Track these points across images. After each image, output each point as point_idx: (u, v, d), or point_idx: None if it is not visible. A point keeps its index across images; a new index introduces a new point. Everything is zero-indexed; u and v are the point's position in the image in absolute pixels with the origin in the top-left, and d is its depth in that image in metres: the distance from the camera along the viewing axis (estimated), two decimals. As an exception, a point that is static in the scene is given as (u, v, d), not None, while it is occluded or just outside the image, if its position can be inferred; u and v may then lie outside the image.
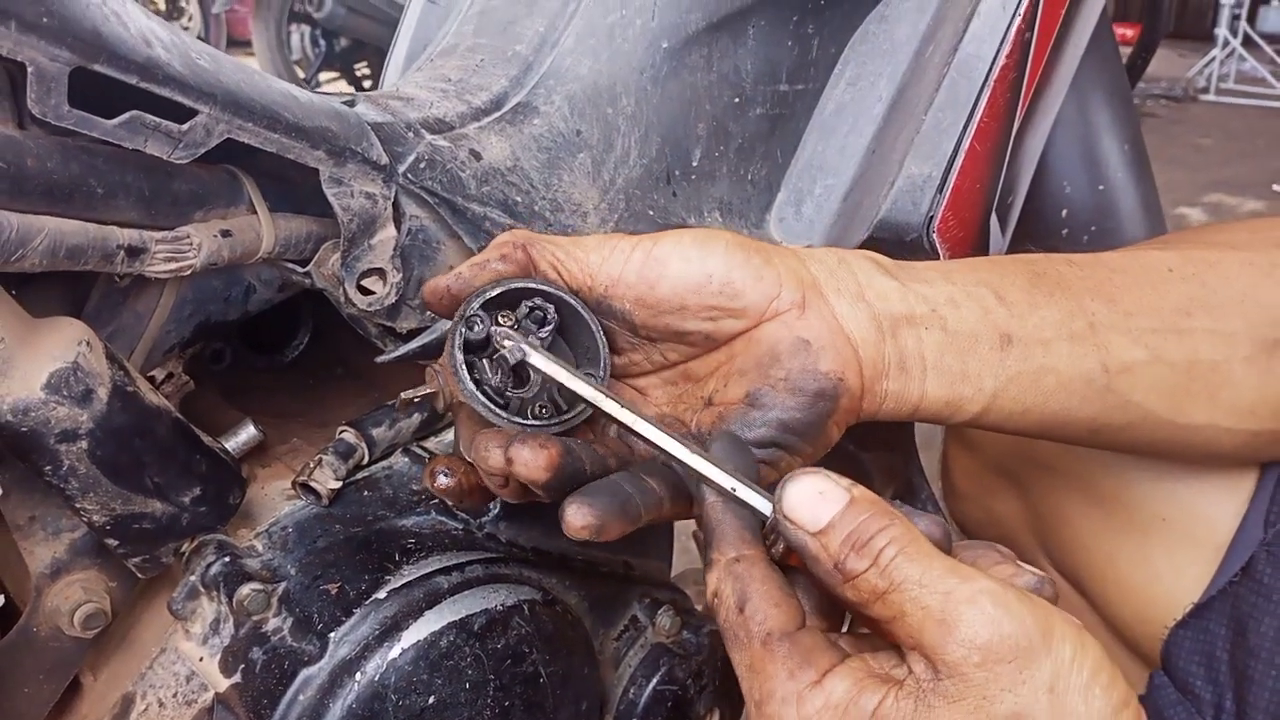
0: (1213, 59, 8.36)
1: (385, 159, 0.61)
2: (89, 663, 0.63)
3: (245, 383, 0.77)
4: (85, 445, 0.52)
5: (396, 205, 0.62)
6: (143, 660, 0.61)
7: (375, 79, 6.31)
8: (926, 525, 0.46)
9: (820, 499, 0.44)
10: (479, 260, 0.53)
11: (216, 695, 0.59)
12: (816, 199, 0.80)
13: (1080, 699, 0.41)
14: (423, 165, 0.63)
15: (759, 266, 0.53)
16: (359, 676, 0.57)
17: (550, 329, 0.53)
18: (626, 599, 0.73)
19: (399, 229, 0.62)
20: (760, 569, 0.45)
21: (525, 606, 0.63)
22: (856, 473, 0.75)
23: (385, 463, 0.68)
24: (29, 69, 0.45)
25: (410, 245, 0.63)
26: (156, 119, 0.51)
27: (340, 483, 0.64)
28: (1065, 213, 1.04)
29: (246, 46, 6.57)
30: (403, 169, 0.62)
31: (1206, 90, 8.30)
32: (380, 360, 0.64)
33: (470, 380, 0.51)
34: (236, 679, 0.58)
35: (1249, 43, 8.52)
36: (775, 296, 0.53)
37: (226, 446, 0.62)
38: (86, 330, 0.52)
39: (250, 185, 0.59)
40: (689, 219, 0.76)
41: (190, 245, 0.55)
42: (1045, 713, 0.40)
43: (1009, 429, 0.57)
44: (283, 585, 0.60)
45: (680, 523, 0.87)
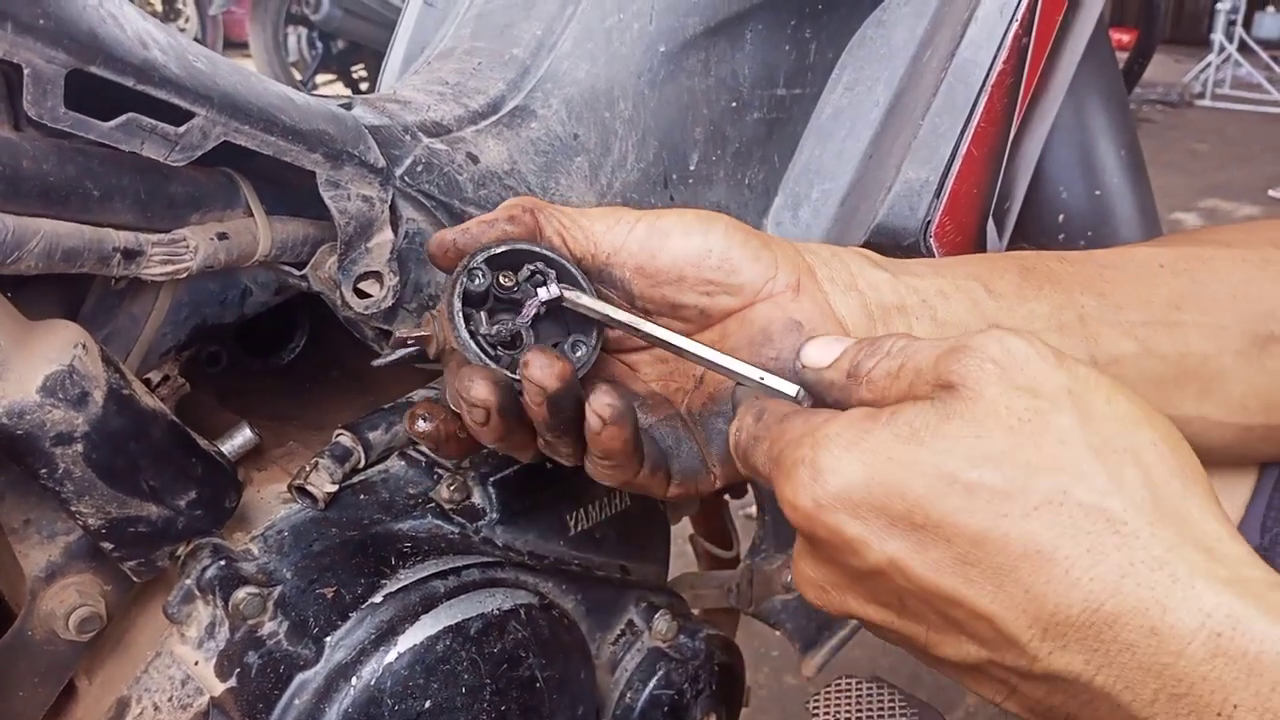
0: (1209, 64, 8.38)
1: (382, 162, 0.61)
2: (84, 666, 0.62)
3: (241, 385, 0.77)
4: (80, 448, 0.52)
5: (393, 208, 0.62)
6: (138, 664, 0.61)
7: (372, 81, 6.31)
8: None
9: (832, 343, 0.49)
10: (488, 218, 0.55)
11: (212, 699, 0.59)
12: (813, 203, 0.80)
13: (1102, 400, 0.41)
14: (420, 168, 0.63)
15: (757, 248, 0.55)
16: (355, 681, 0.57)
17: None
18: (623, 603, 0.73)
19: (396, 232, 0.62)
20: (776, 402, 0.49)
21: (522, 611, 0.63)
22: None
23: (382, 466, 0.68)
24: (25, 71, 0.45)
25: (407, 248, 0.63)
26: (153, 121, 0.51)
27: (336, 486, 0.64)
28: (1062, 217, 1.05)
29: (243, 48, 6.57)
30: (400, 172, 0.62)
31: (1202, 96, 8.32)
32: (377, 364, 0.64)
33: (465, 329, 0.53)
34: (232, 683, 0.58)
35: (1245, 48, 8.55)
36: (771, 278, 0.54)
37: (222, 450, 0.62)
38: (82, 333, 0.52)
39: (247, 188, 0.59)
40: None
41: (186, 248, 0.55)
42: (1067, 411, 0.40)
43: None
44: (278, 589, 0.60)
45: (676, 527, 0.88)
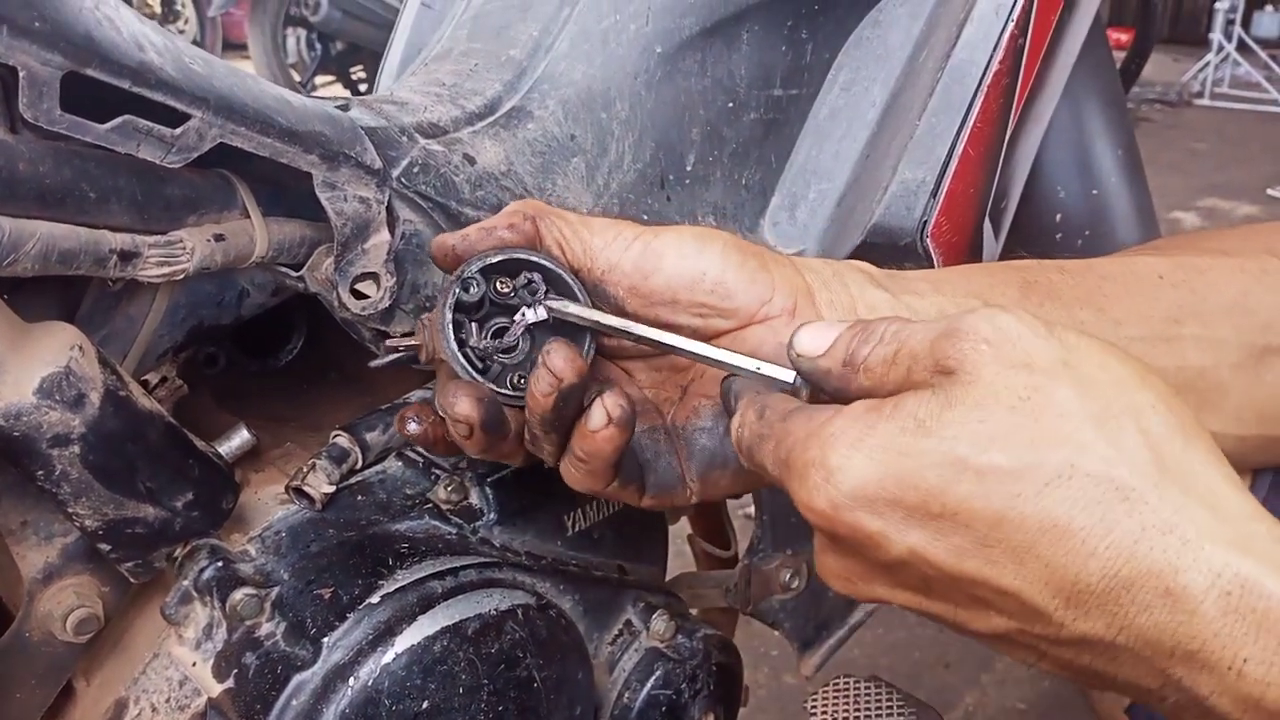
0: (1207, 64, 8.38)
1: (379, 163, 0.61)
2: (82, 668, 0.63)
3: (238, 387, 0.77)
4: (78, 450, 0.52)
5: (390, 209, 0.62)
6: (136, 665, 0.61)
7: (371, 82, 6.31)
8: None
9: (824, 329, 0.48)
10: (488, 225, 0.55)
11: (209, 700, 0.59)
12: (810, 203, 0.80)
13: (1096, 366, 0.41)
14: (416, 170, 0.63)
15: (754, 270, 0.54)
16: (352, 681, 0.57)
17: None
18: (621, 603, 0.73)
19: (393, 233, 0.62)
20: (777, 397, 0.49)
21: (519, 611, 0.63)
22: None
23: (379, 467, 0.68)
24: (21, 74, 0.45)
25: (404, 249, 0.63)
26: (149, 123, 0.51)
27: (334, 487, 0.64)
28: (1059, 217, 1.05)
29: (242, 50, 6.58)
30: (396, 173, 0.62)
31: (1201, 95, 8.32)
32: (374, 365, 0.64)
33: (454, 339, 0.53)
34: (229, 684, 0.58)
35: (1243, 48, 8.55)
36: (767, 301, 0.54)
37: (220, 451, 0.62)
38: (79, 335, 0.52)
39: (243, 189, 0.59)
40: (683, 223, 0.76)
41: (183, 250, 0.55)
42: (1064, 383, 0.40)
43: None
44: (276, 590, 0.60)
45: (674, 527, 0.88)
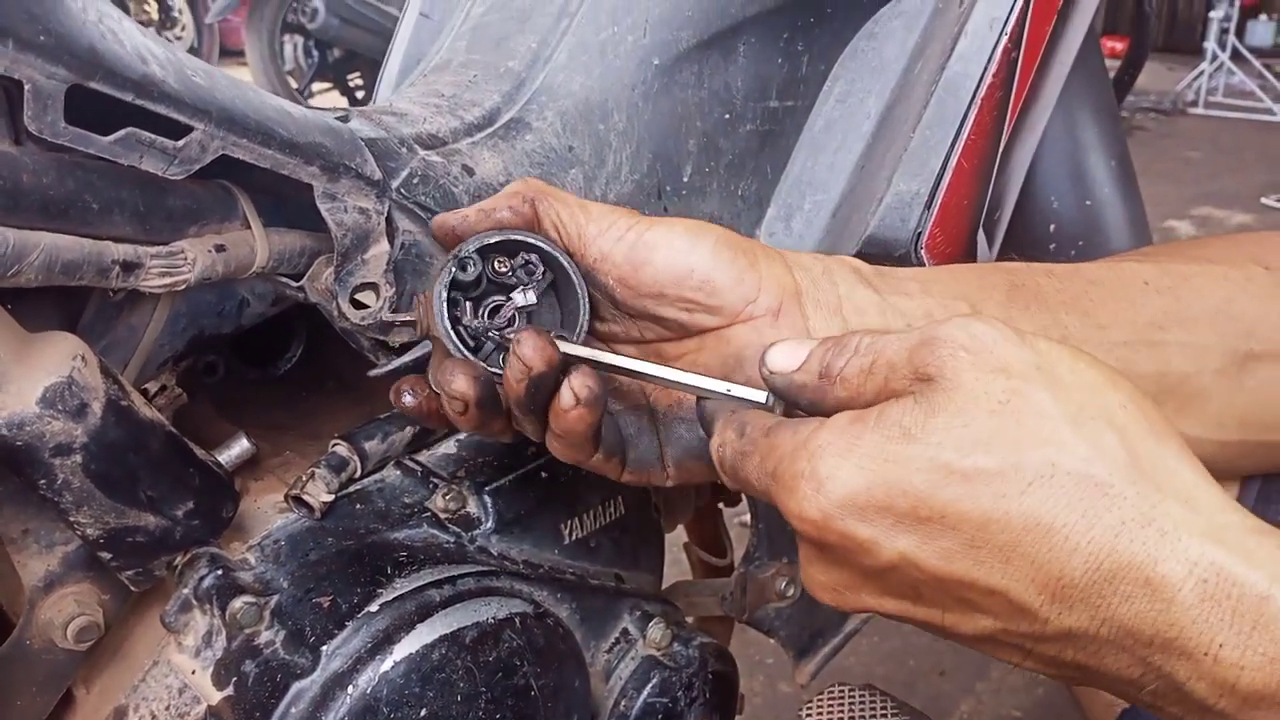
0: (1201, 73, 8.41)
1: (378, 174, 0.61)
2: (82, 675, 0.63)
3: (238, 395, 0.78)
4: (79, 459, 0.52)
5: (390, 220, 0.62)
6: (135, 673, 0.61)
7: (368, 89, 6.32)
8: None
9: (795, 346, 0.49)
10: (487, 206, 0.56)
11: (209, 708, 0.59)
12: (806, 214, 0.81)
13: (1068, 370, 0.43)
14: (416, 180, 0.64)
15: (743, 269, 0.55)
16: (351, 689, 0.58)
17: (541, 284, 0.56)
18: (617, 611, 0.73)
19: (392, 244, 0.62)
20: (754, 414, 0.49)
21: (517, 619, 0.63)
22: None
23: (377, 476, 0.68)
24: (26, 87, 0.46)
25: (403, 260, 0.63)
26: (152, 135, 0.51)
27: (333, 496, 0.64)
28: (1053, 227, 1.05)
29: (240, 56, 6.58)
30: (396, 184, 0.63)
31: (1195, 104, 8.35)
32: (373, 374, 0.65)
33: (448, 317, 0.54)
34: (229, 692, 0.58)
35: (1237, 57, 8.58)
36: (752, 300, 0.55)
37: (219, 460, 0.62)
38: (81, 345, 0.53)
39: (245, 200, 0.59)
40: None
41: (185, 260, 0.55)
42: (1039, 386, 0.42)
43: None
44: (275, 598, 0.60)
45: (670, 535, 0.88)
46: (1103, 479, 0.40)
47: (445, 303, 0.54)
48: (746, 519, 0.89)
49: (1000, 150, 0.78)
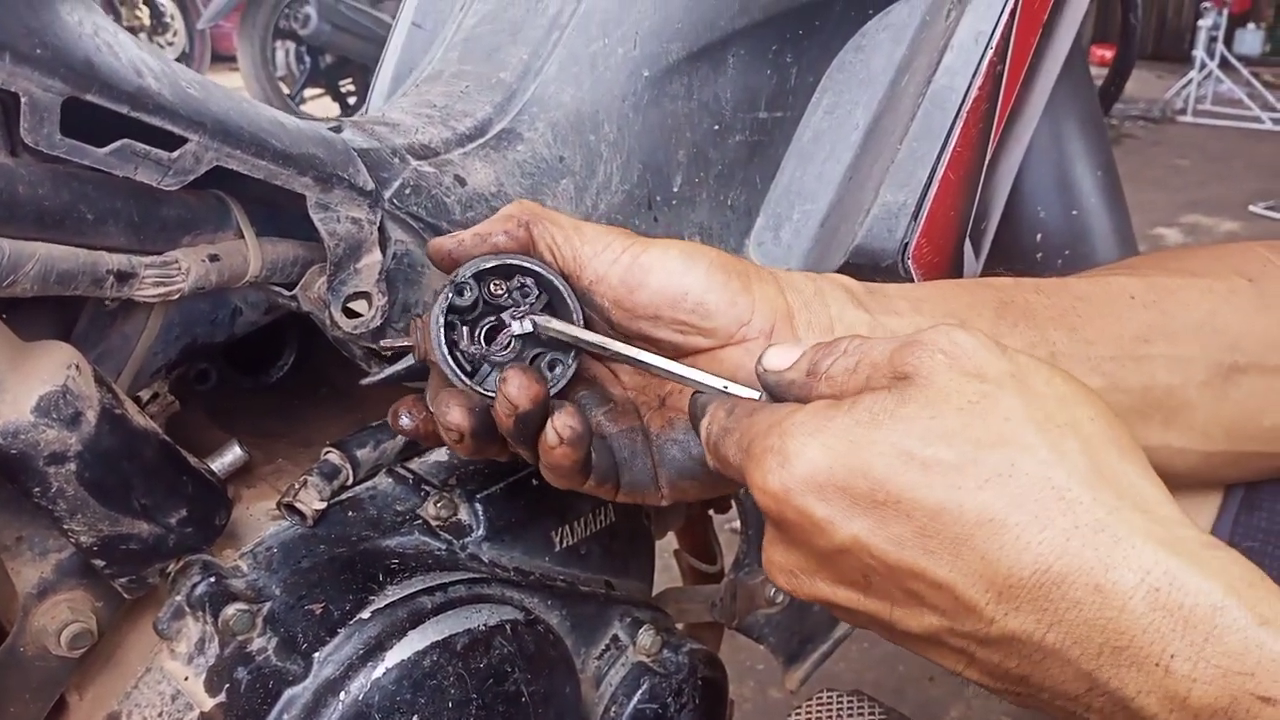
0: (1190, 81, 8.45)
1: (371, 184, 0.62)
2: (75, 682, 0.63)
3: (230, 403, 0.78)
4: (74, 467, 0.52)
5: (382, 230, 0.63)
6: (128, 679, 0.61)
7: (360, 95, 6.32)
8: None
9: (790, 348, 0.50)
10: (483, 230, 0.57)
11: (201, 714, 0.60)
12: (795, 224, 0.81)
13: (1042, 381, 0.44)
14: (408, 190, 0.64)
15: (736, 292, 0.56)
16: (343, 696, 0.58)
17: (537, 306, 0.57)
18: (608, 618, 0.74)
19: (384, 253, 0.63)
20: (745, 400, 0.51)
21: (507, 626, 0.63)
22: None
23: (370, 483, 0.69)
24: (23, 99, 0.46)
25: (395, 269, 0.64)
26: (147, 147, 0.52)
27: (325, 503, 0.65)
28: (1040, 237, 1.06)
29: (232, 62, 6.57)
30: (388, 194, 0.63)
31: (1184, 112, 8.39)
32: (365, 383, 0.65)
33: (445, 343, 0.55)
34: (221, 698, 0.59)
35: (1226, 65, 8.62)
36: (745, 323, 0.56)
37: (212, 467, 0.63)
38: (75, 354, 0.53)
39: (238, 210, 0.60)
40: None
41: (179, 270, 0.56)
42: (1011, 392, 0.43)
43: None
44: (267, 605, 0.61)
45: (660, 542, 0.89)
46: (1060, 483, 0.40)
47: (442, 328, 0.55)
48: (736, 525, 0.89)
49: (986, 162, 0.79)
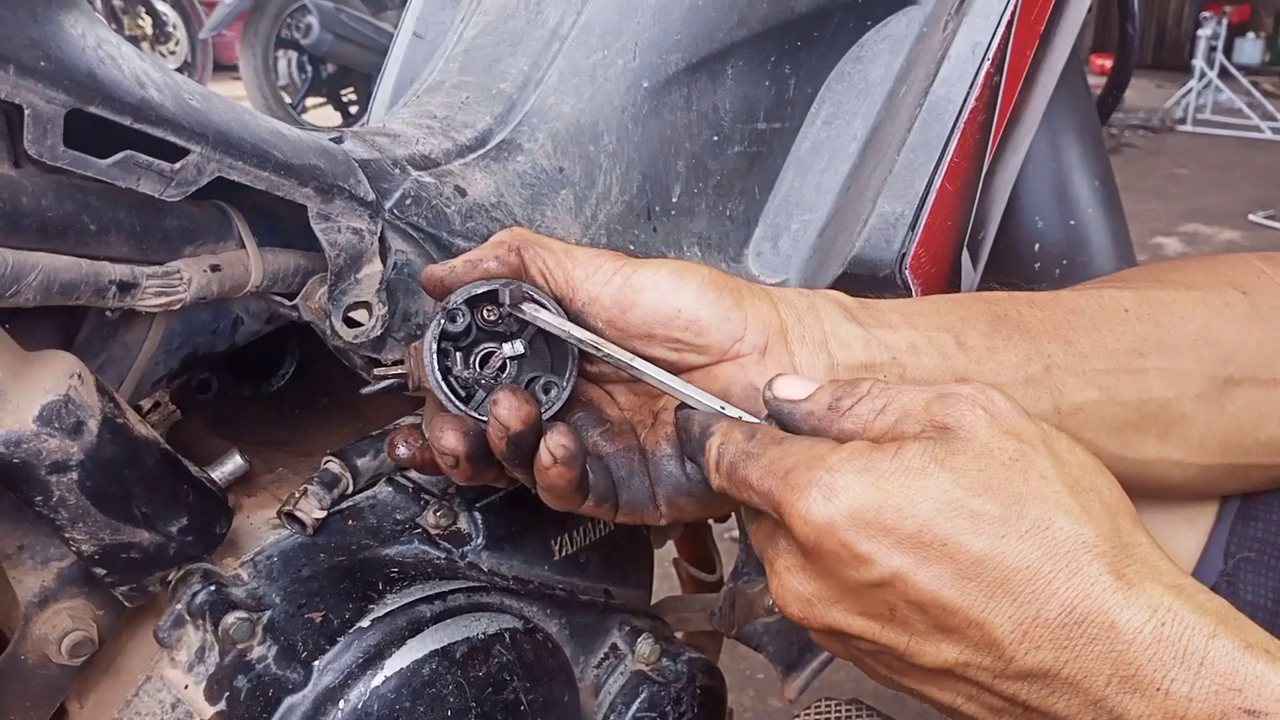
0: (1190, 90, 8.46)
1: (372, 195, 0.62)
2: (75, 690, 0.63)
3: (231, 412, 0.78)
4: (75, 476, 0.53)
5: (383, 240, 0.63)
6: (129, 688, 0.62)
7: (361, 104, 6.34)
8: None
9: (802, 381, 0.52)
10: (474, 258, 0.57)
11: (201, 722, 0.60)
12: (793, 234, 0.82)
13: (1065, 449, 0.48)
14: (409, 201, 0.65)
15: (728, 308, 0.56)
16: (342, 704, 0.58)
17: (530, 331, 0.57)
18: (606, 627, 0.74)
19: (385, 263, 0.63)
20: (765, 426, 0.52)
21: (507, 635, 0.64)
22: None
23: (369, 492, 0.69)
24: (26, 111, 0.47)
25: (396, 279, 0.64)
26: (149, 158, 0.52)
27: (325, 512, 0.65)
28: (1038, 247, 1.07)
29: (234, 71, 6.59)
30: (389, 205, 0.64)
31: (1184, 121, 8.40)
32: (365, 392, 0.66)
33: (438, 369, 0.55)
34: (221, 706, 0.59)
35: (1225, 74, 8.63)
36: (739, 339, 0.56)
37: (213, 476, 0.63)
38: (78, 363, 0.53)
39: (239, 221, 0.60)
40: (669, 254, 0.78)
41: (180, 280, 0.56)
42: (1044, 454, 0.47)
43: None
44: (268, 614, 0.61)
45: (660, 551, 0.89)
46: (1090, 540, 0.44)
47: (435, 354, 0.55)
48: (735, 534, 0.90)
49: (984, 172, 0.79)
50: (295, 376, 0.82)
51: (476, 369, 0.57)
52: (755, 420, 0.52)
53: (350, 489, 0.67)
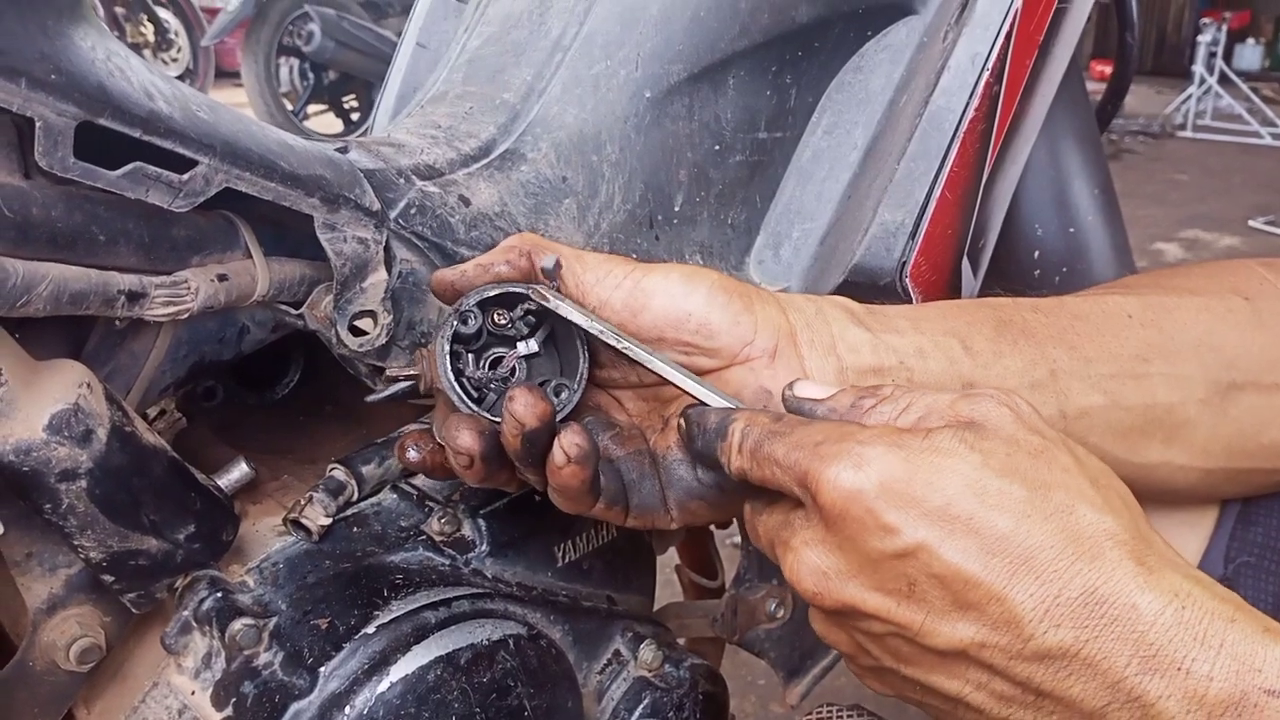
0: (1190, 96, 8.48)
1: (377, 205, 0.63)
2: (83, 696, 0.64)
3: (237, 420, 0.79)
4: (84, 484, 0.53)
5: (388, 249, 0.64)
6: (136, 694, 0.62)
7: (362, 111, 6.35)
8: None
9: (822, 386, 0.53)
10: (485, 261, 0.58)
11: (207, 728, 0.60)
12: (794, 243, 0.82)
13: (1084, 455, 0.49)
14: (413, 211, 0.65)
15: (738, 312, 0.56)
16: (348, 710, 0.59)
17: (541, 334, 0.58)
18: (609, 633, 0.74)
19: (390, 272, 0.64)
20: (781, 412, 0.53)
21: (510, 641, 0.64)
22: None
23: (374, 499, 0.69)
24: (37, 124, 0.47)
25: (401, 288, 0.65)
26: (158, 170, 0.52)
27: (330, 519, 0.65)
28: (1038, 254, 1.07)
29: (235, 78, 6.60)
30: (394, 214, 0.64)
31: (1184, 127, 8.41)
32: (370, 400, 0.66)
33: (451, 370, 0.56)
34: (228, 712, 0.59)
35: (1225, 80, 8.65)
36: (749, 342, 0.56)
37: (219, 484, 0.63)
38: (86, 372, 0.54)
39: (246, 230, 0.61)
40: (671, 262, 0.78)
41: (188, 289, 0.57)
42: (1065, 452, 0.48)
43: None
44: (274, 620, 0.61)
45: (662, 558, 0.89)
46: (1111, 528, 0.45)
47: (448, 356, 0.56)
48: (737, 540, 0.90)
49: (983, 181, 0.80)
50: (300, 385, 0.83)
51: (488, 371, 0.57)
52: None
53: (355, 496, 0.68)
